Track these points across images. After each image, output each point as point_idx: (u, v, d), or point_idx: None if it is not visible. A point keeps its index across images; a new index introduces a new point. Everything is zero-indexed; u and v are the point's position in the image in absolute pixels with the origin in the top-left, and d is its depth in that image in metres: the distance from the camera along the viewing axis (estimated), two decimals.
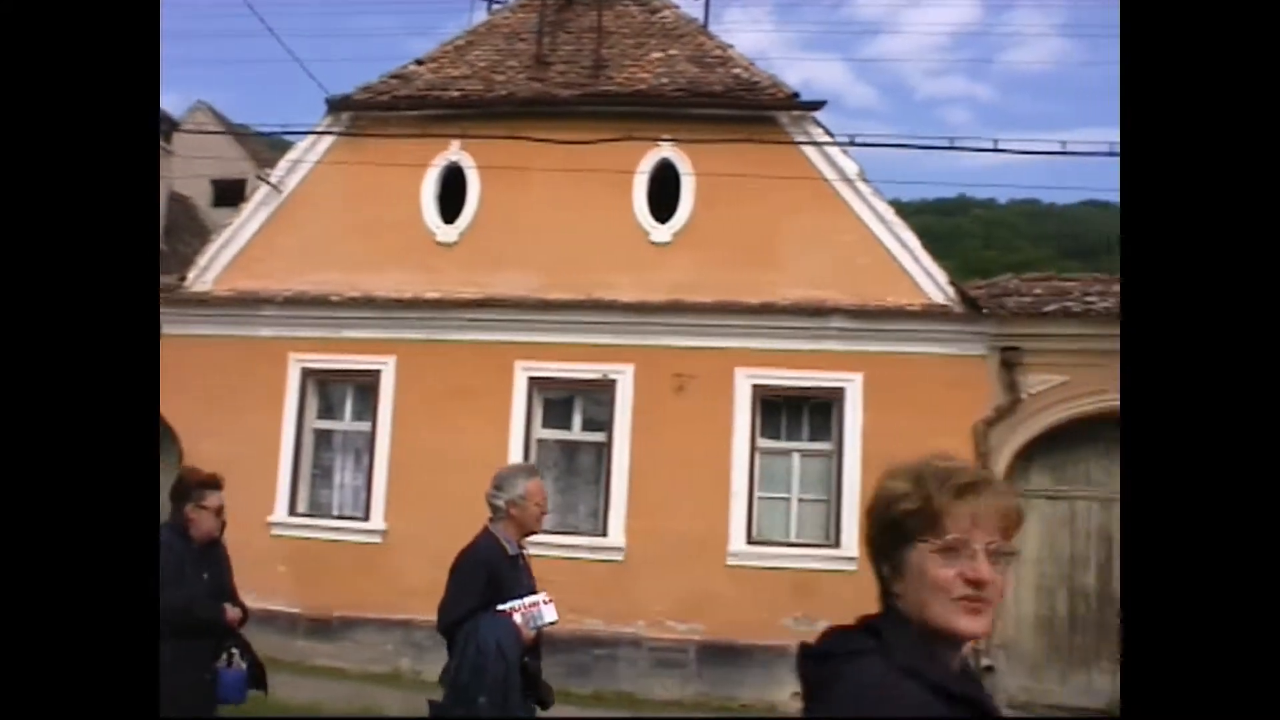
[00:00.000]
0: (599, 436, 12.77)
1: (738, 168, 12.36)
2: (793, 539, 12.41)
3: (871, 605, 1.95)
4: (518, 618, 5.12)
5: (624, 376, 12.61)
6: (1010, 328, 12.21)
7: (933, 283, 12.37)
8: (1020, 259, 33.49)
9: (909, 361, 12.28)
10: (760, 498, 12.45)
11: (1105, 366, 12.03)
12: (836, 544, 12.12)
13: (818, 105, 12.81)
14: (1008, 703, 11.83)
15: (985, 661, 11.69)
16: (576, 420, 12.96)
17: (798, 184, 12.46)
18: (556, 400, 13.01)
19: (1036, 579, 12.36)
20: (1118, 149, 11.87)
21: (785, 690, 11.75)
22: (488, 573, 5.18)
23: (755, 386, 12.46)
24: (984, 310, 12.21)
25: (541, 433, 12.89)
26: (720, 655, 12.00)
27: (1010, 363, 12.11)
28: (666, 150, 12.94)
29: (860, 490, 12.11)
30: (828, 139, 12.71)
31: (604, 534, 12.40)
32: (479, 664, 4.95)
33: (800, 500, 12.50)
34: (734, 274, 12.52)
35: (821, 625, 2.00)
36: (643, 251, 12.80)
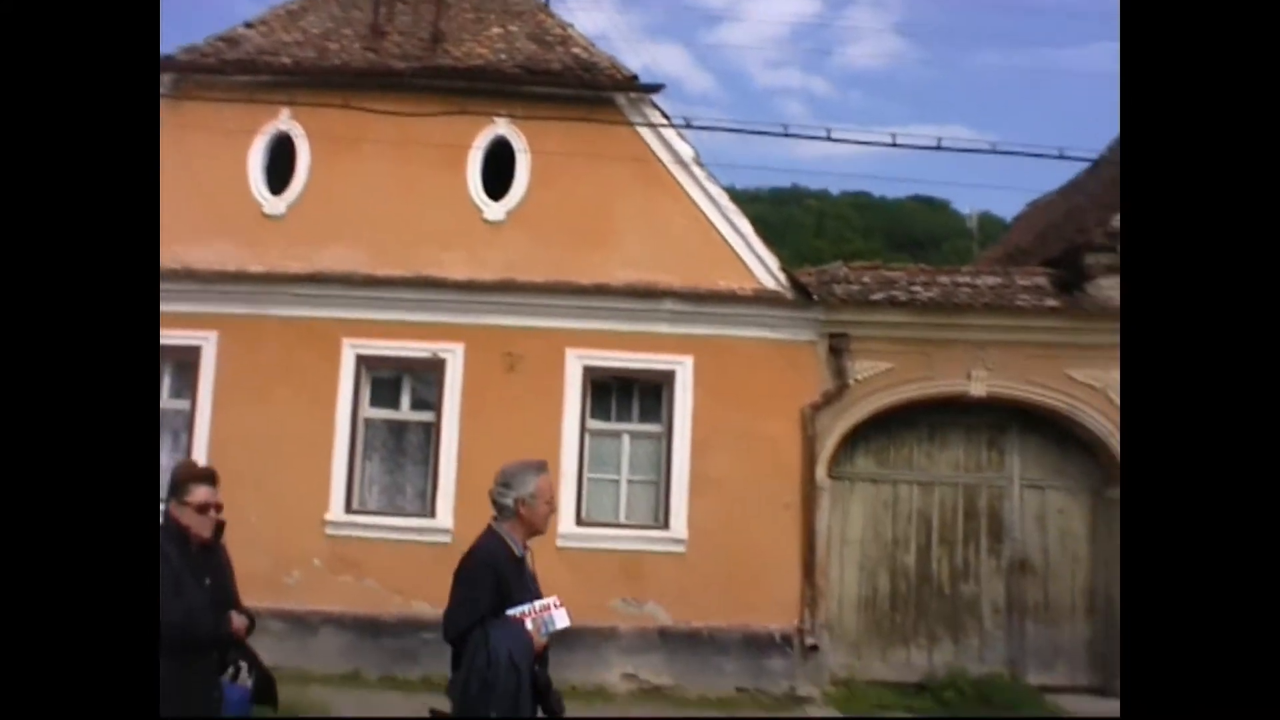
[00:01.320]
0: (428, 416, 12.55)
1: (574, 147, 12.31)
2: (622, 520, 12.44)
3: (700, 587, 1.91)
4: (528, 623, 4.82)
5: (454, 356, 12.43)
6: (838, 315, 12.48)
7: (764, 268, 12.53)
8: (850, 249, 34.37)
9: (739, 345, 12.44)
10: (590, 479, 12.44)
11: (928, 354, 12.45)
12: (665, 526, 12.18)
13: (656, 88, 12.80)
14: (830, 679, 12.12)
15: (810, 640, 11.94)
16: (405, 400, 12.71)
17: (633, 166, 12.48)
18: (384, 379, 12.73)
19: (859, 559, 12.71)
20: (942, 144, 12.24)
21: (614, 671, 11.79)
22: (495, 576, 4.85)
23: (586, 368, 12.43)
24: (814, 297, 12.43)
25: (369, 412, 12.59)
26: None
27: (838, 349, 12.39)
28: (502, 127, 12.77)
29: (690, 472, 12.22)
30: (664, 121, 12.72)
31: (432, 515, 12.17)
32: (489, 675, 4.64)
33: (630, 482, 12.54)
34: (567, 254, 12.46)
35: (650, 607, 1.96)
36: (475, 229, 12.60)
